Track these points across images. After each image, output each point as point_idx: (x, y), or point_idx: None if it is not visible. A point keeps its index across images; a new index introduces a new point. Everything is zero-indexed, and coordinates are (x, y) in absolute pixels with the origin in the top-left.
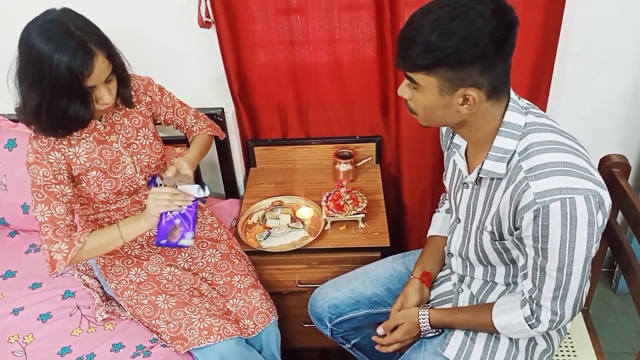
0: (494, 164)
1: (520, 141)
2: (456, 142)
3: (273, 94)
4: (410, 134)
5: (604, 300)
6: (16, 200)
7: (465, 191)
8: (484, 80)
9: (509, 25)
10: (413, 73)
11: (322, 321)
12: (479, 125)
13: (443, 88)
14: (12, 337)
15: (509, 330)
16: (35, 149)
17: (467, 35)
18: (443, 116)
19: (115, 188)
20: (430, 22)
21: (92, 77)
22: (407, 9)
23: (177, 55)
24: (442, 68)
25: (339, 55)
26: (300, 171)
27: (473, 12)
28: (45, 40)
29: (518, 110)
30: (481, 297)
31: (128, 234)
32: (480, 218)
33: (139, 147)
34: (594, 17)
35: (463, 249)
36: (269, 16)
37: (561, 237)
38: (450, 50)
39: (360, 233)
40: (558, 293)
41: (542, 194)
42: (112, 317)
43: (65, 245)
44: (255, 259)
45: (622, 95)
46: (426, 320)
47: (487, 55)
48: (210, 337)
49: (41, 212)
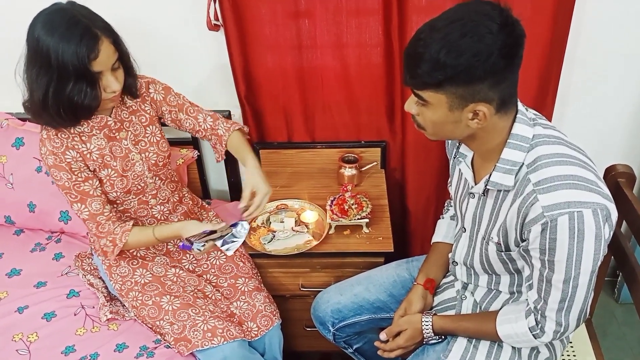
0: (502, 176)
1: (528, 153)
2: (462, 152)
3: (280, 97)
4: (415, 140)
5: (607, 309)
6: (22, 198)
7: (471, 201)
8: (493, 94)
9: (517, 39)
10: (422, 91)
11: (324, 325)
12: (488, 138)
13: (453, 104)
14: (17, 335)
15: (512, 339)
16: (51, 150)
17: (477, 52)
18: (453, 131)
19: (126, 187)
20: (438, 40)
21: (99, 62)
22: (415, 15)
23: (185, 57)
24: (452, 85)
25: (346, 60)
26: (305, 175)
27: (482, 28)
28: (50, 30)
29: (526, 122)
30: (485, 305)
31: (161, 236)
32: (487, 229)
33: (146, 145)
34: (600, 26)
35: (468, 257)
36: (277, 20)
37: (568, 250)
38: (461, 67)
39: (364, 238)
40: (563, 305)
41: (550, 207)
42: (116, 317)
43: (110, 242)
44: (259, 262)
45: (628, 104)
46: (429, 326)
47: (497, 71)
48: (213, 339)
49: (79, 211)
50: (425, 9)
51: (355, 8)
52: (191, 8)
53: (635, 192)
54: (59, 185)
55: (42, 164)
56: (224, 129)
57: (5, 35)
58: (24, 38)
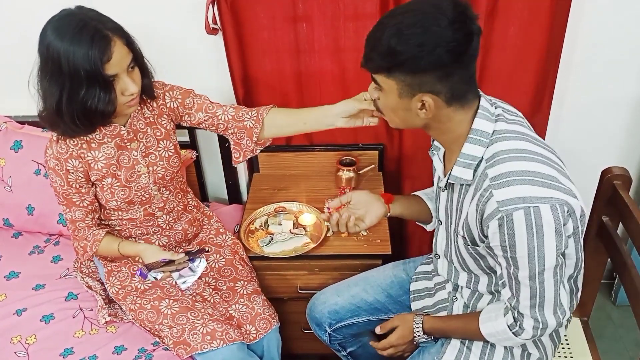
0: (462, 170)
1: (487, 148)
2: (436, 144)
3: (278, 101)
4: (412, 143)
5: (604, 311)
6: (21, 201)
7: (442, 194)
8: (441, 87)
9: (467, 36)
10: (376, 75)
11: (321, 326)
12: (444, 129)
13: (402, 92)
14: (15, 337)
15: (495, 337)
16: (55, 154)
17: (421, 42)
18: (405, 118)
19: (127, 197)
20: (392, 26)
21: (112, 64)
22: None
23: (184, 61)
24: (400, 73)
25: (343, 64)
26: (303, 178)
27: (431, 20)
28: (59, 35)
29: (487, 118)
30: (471, 306)
31: (125, 253)
32: (455, 222)
33: (156, 159)
34: (596, 30)
35: (448, 250)
36: (276, 24)
37: (528, 246)
38: (406, 55)
39: (361, 240)
40: (535, 301)
41: (505, 202)
42: (115, 319)
43: (81, 248)
44: (257, 264)
45: (624, 107)
46: (419, 325)
47: (442, 64)
48: (213, 342)
49: (64, 211)
50: None
51: (353, 12)
52: (190, 12)
53: (632, 194)
54: (52, 186)
55: (41, 161)
56: (253, 120)
57: (4, 41)
58: (24, 43)
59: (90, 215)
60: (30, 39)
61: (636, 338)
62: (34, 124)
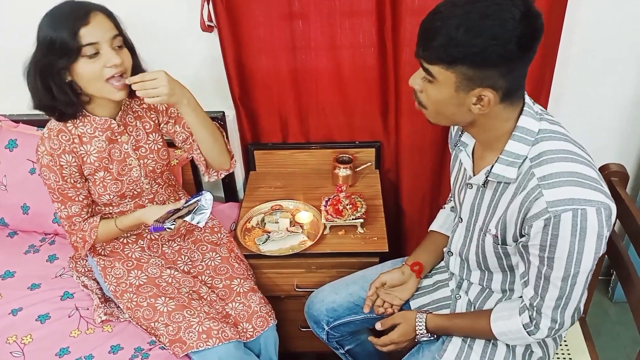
0: (504, 168)
1: (532, 147)
2: (464, 140)
3: (274, 98)
4: (409, 140)
5: (601, 308)
6: (16, 200)
7: (469, 191)
8: (502, 82)
9: (537, 32)
10: (432, 65)
11: (319, 324)
12: (490, 126)
13: (460, 85)
14: (11, 337)
15: (506, 336)
16: (48, 150)
17: (496, 35)
18: (454, 113)
19: (120, 191)
20: (459, 16)
21: (90, 29)
22: (409, 16)
23: (179, 58)
24: (463, 65)
25: (339, 61)
26: (299, 175)
27: (505, 13)
28: (47, 19)
29: (532, 116)
30: (478, 304)
31: (124, 226)
32: (484, 220)
33: (146, 151)
34: (594, 25)
35: (464, 249)
36: (272, 21)
37: (569, 248)
38: (477, 49)
39: (358, 238)
40: (560, 302)
41: (554, 203)
42: (111, 318)
43: (80, 239)
44: (254, 263)
45: (621, 104)
46: (423, 324)
47: (511, 59)
48: (208, 340)
49: (59, 209)
50: (418, 10)
51: (349, 9)
52: (185, 9)
53: (629, 191)
54: (46, 184)
55: (35, 160)
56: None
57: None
58: (18, 43)
59: (86, 209)
60: (24, 39)
61: (634, 334)
62: (29, 123)
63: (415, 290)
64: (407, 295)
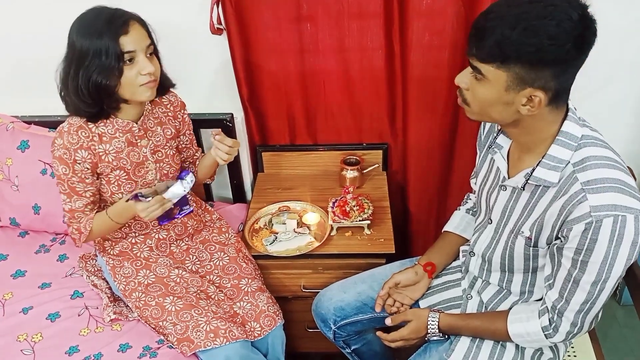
0: (546, 172)
1: (575, 152)
2: (499, 143)
3: (282, 101)
4: (417, 142)
5: (608, 311)
6: (27, 200)
7: (502, 193)
8: (554, 84)
9: (593, 35)
10: (483, 64)
11: (326, 322)
12: (534, 128)
13: (511, 84)
14: (21, 335)
15: (523, 338)
16: (65, 144)
17: (553, 35)
18: (500, 112)
19: (133, 190)
20: (515, 15)
21: (129, 39)
22: (416, 18)
23: (189, 61)
24: (517, 64)
25: (347, 63)
26: (307, 177)
27: (563, 14)
28: (80, 24)
29: (576, 121)
30: (492, 306)
31: (114, 214)
32: (517, 222)
33: (163, 156)
34: (600, 32)
35: (489, 250)
36: (280, 24)
37: (605, 253)
38: (533, 48)
39: (365, 239)
40: (585, 306)
41: (598, 208)
42: (120, 317)
43: (76, 230)
44: (262, 263)
45: (628, 110)
46: (435, 323)
47: (566, 59)
48: (216, 339)
49: (64, 201)
50: (426, 12)
51: (357, 12)
52: (195, 12)
53: None
54: (56, 174)
55: (50, 151)
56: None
57: (10, 44)
58: (29, 45)
59: (90, 206)
60: (34, 42)
61: None
62: (41, 124)
63: (426, 290)
64: (418, 295)
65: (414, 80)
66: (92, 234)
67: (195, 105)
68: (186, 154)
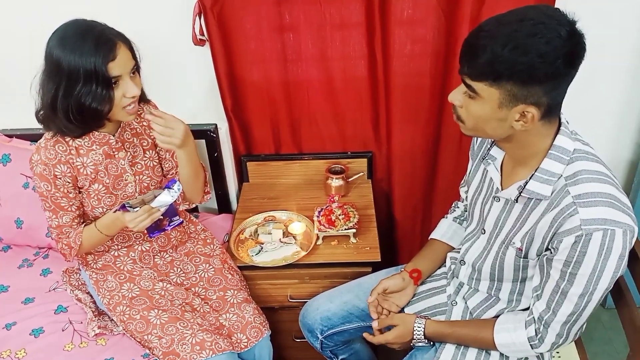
0: (539, 186)
1: (567, 166)
2: (493, 154)
3: (266, 110)
4: (401, 150)
5: (593, 314)
6: (10, 214)
7: (495, 204)
8: (546, 99)
9: (582, 50)
10: (475, 82)
11: (313, 333)
12: (527, 142)
13: (503, 101)
14: (5, 352)
15: (509, 348)
16: (43, 160)
17: (544, 53)
18: (494, 128)
19: (113, 204)
20: (506, 34)
21: (116, 64)
22: (398, 27)
23: (172, 72)
24: (509, 82)
25: (330, 73)
26: (292, 186)
27: (552, 31)
28: (63, 40)
29: (568, 135)
30: (477, 313)
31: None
32: (508, 233)
33: (142, 168)
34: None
35: (479, 260)
36: (263, 34)
37: (593, 266)
38: (524, 66)
39: (351, 248)
40: (571, 318)
41: (588, 222)
42: (104, 332)
43: (66, 245)
44: (247, 274)
45: (611, 112)
46: (421, 329)
47: (557, 76)
48: (202, 352)
49: (49, 218)
50: (407, 22)
51: (339, 22)
52: (177, 23)
53: None
54: (38, 192)
55: (28, 174)
56: None
57: None
58: (10, 58)
59: (77, 220)
60: (16, 54)
61: (626, 341)
62: (22, 137)
63: (412, 297)
64: (404, 302)
65: (397, 89)
66: (82, 248)
67: (178, 116)
68: (166, 167)
